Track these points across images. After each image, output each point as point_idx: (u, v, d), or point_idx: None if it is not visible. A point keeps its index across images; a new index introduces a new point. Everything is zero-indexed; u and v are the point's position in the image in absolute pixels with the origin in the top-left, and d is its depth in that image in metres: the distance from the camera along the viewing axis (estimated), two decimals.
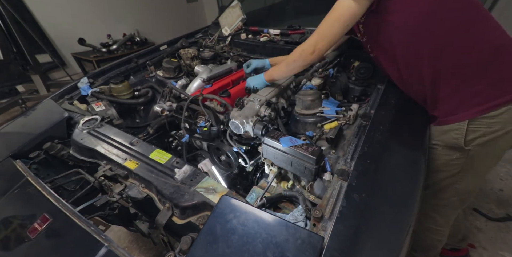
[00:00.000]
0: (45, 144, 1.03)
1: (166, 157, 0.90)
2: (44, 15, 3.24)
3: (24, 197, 0.83)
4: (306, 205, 0.72)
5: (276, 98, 1.15)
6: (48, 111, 1.21)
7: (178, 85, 1.51)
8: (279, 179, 0.96)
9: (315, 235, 0.57)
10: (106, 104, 1.32)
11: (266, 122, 0.98)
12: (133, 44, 3.80)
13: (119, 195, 0.85)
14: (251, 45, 1.68)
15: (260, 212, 0.63)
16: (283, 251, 0.55)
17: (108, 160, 0.95)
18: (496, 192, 1.91)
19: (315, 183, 0.87)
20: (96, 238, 0.66)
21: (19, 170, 0.91)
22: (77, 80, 1.41)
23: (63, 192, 1.00)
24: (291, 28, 1.58)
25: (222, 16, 1.90)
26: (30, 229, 0.73)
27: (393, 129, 0.92)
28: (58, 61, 3.31)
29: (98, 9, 3.68)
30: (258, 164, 1.19)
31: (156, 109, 1.31)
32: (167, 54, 1.72)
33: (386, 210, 0.68)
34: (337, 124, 0.98)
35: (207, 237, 0.60)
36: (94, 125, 1.07)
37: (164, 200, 0.80)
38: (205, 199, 0.74)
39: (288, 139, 0.84)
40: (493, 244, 1.55)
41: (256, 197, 0.88)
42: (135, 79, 1.64)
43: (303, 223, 0.69)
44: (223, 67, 1.50)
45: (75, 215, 0.73)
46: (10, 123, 1.16)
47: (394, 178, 0.78)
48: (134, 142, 0.98)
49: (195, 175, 0.83)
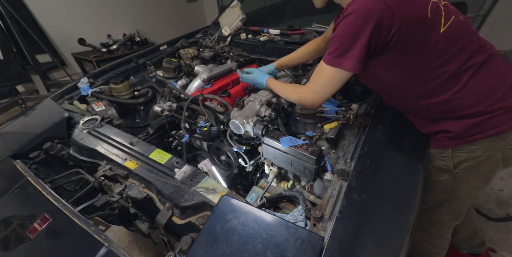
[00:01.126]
0: (45, 144, 1.03)
1: (166, 157, 0.90)
2: (44, 15, 3.24)
3: (24, 197, 0.83)
4: (306, 205, 0.72)
5: (276, 98, 1.15)
6: (48, 111, 1.21)
7: (178, 85, 1.51)
8: (279, 179, 0.96)
9: (315, 235, 0.57)
10: (106, 104, 1.32)
11: (266, 122, 0.98)
12: (133, 44, 3.80)
13: (119, 195, 0.85)
14: (251, 45, 1.68)
15: (260, 212, 0.63)
16: (283, 251, 0.55)
17: (108, 160, 0.95)
18: (496, 192, 1.91)
19: (315, 183, 0.87)
20: (96, 238, 0.66)
21: (19, 170, 0.91)
22: (77, 80, 1.41)
23: (63, 192, 1.00)
24: (291, 28, 1.58)
25: (222, 16, 1.90)
26: (30, 229, 0.73)
27: (393, 128, 0.93)
28: (58, 61, 3.31)
29: (98, 9, 3.67)
30: (258, 164, 1.19)
31: (156, 109, 1.31)
32: (167, 54, 1.72)
33: (386, 210, 0.68)
34: (337, 124, 0.98)
35: (207, 237, 0.60)
36: (94, 125, 1.07)
37: (164, 200, 0.80)
38: (205, 199, 0.74)
39: (288, 139, 0.84)
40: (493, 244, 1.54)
41: (256, 197, 0.88)
42: (135, 79, 1.64)
43: (303, 223, 0.69)
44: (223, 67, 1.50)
45: (75, 215, 0.73)
46: (10, 123, 1.16)
47: (394, 178, 0.78)
48: (134, 142, 0.98)
49: (195, 175, 0.83)
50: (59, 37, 3.44)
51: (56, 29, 3.39)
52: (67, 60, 3.64)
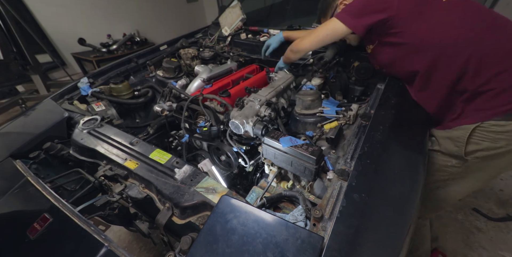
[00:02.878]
0: (45, 144, 1.03)
1: (166, 157, 0.90)
2: (44, 15, 3.24)
3: (24, 197, 0.83)
4: (306, 205, 0.72)
5: (276, 98, 1.15)
6: (48, 111, 1.21)
7: (178, 85, 1.51)
8: (279, 179, 0.96)
9: (315, 235, 0.57)
10: (106, 104, 1.32)
11: (266, 122, 0.98)
12: (133, 44, 3.80)
13: (119, 195, 0.85)
14: (251, 45, 1.68)
15: (260, 212, 0.63)
16: (283, 251, 0.55)
17: (108, 160, 0.95)
18: (496, 192, 1.91)
19: (315, 183, 0.87)
20: (96, 238, 0.66)
21: (19, 170, 0.91)
22: (77, 80, 1.41)
23: (63, 192, 1.00)
24: (291, 28, 1.58)
25: (222, 16, 1.90)
26: (30, 229, 0.73)
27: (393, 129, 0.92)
28: (58, 61, 3.31)
29: (98, 9, 3.67)
30: (258, 164, 1.19)
31: (156, 109, 1.31)
32: (167, 54, 1.72)
33: (386, 210, 0.68)
34: (337, 124, 0.98)
35: (207, 237, 0.59)
36: (94, 125, 1.07)
37: (164, 200, 0.80)
38: (205, 199, 0.74)
39: (288, 139, 0.84)
40: (493, 244, 1.55)
41: (256, 197, 0.88)
42: (135, 79, 1.64)
43: (303, 223, 0.69)
44: (223, 67, 1.50)
45: (75, 215, 0.73)
46: (10, 123, 1.16)
47: (394, 178, 0.78)
48: (134, 142, 0.98)
49: (195, 175, 0.83)
50: (59, 37, 3.44)
51: (56, 29, 3.39)
52: (67, 60, 3.64)
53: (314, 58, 1.37)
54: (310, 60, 1.41)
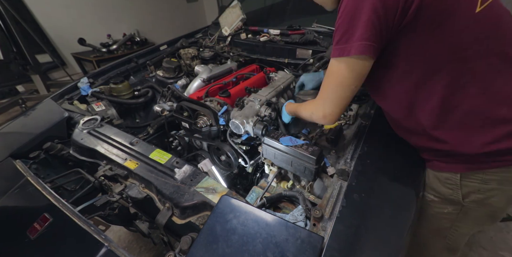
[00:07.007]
0: (45, 144, 1.03)
1: (166, 157, 0.90)
2: (44, 15, 3.24)
3: (24, 197, 0.83)
4: (306, 205, 0.72)
5: (276, 98, 1.15)
6: (48, 111, 1.21)
7: (178, 85, 1.51)
8: (279, 179, 0.96)
9: (315, 235, 0.57)
10: (106, 104, 1.32)
11: (266, 122, 0.98)
12: (133, 44, 3.80)
13: (119, 195, 0.85)
14: (251, 45, 1.68)
15: (260, 212, 0.63)
16: (283, 251, 0.55)
17: (108, 160, 0.95)
18: None
19: (315, 183, 0.87)
20: (96, 238, 0.66)
21: (19, 170, 0.91)
22: (77, 80, 1.41)
23: (63, 192, 1.00)
24: (291, 28, 1.58)
25: (222, 16, 1.89)
26: (30, 229, 0.73)
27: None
28: (58, 61, 3.31)
29: (98, 9, 3.67)
30: (258, 164, 1.19)
31: (156, 109, 1.31)
32: (167, 54, 1.72)
33: (386, 210, 0.68)
34: (337, 124, 0.98)
35: (207, 237, 0.60)
36: (94, 125, 1.07)
37: (164, 200, 0.80)
38: (205, 199, 0.74)
39: (288, 139, 0.84)
40: (493, 244, 1.54)
41: (256, 197, 0.88)
42: (135, 79, 1.64)
43: (303, 223, 0.69)
44: (223, 67, 1.50)
45: (75, 215, 0.73)
46: (10, 123, 1.16)
47: (394, 178, 0.78)
48: (134, 142, 0.98)
49: (195, 175, 0.83)
50: (59, 37, 3.44)
51: (56, 29, 3.39)
52: (67, 60, 3.64)
53: (314, 58, 1.37)
54: (310, 60, 1.41)
